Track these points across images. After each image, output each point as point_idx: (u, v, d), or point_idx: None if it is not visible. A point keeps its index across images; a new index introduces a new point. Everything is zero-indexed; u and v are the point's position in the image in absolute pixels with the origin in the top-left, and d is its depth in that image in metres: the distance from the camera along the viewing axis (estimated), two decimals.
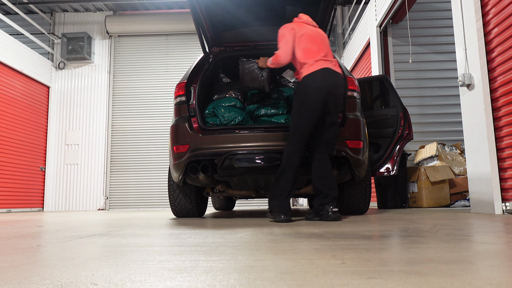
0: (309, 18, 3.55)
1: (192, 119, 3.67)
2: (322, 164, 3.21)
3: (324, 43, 3.40)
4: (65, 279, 1.06)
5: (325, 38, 3.47)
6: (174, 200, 4.03)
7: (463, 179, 5.89)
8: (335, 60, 3.39)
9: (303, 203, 9.71)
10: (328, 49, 3.41)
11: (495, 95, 3.84)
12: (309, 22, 3.50)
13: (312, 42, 3.32)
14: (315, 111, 3.16)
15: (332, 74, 3.23)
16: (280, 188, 3.15)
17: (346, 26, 9.96)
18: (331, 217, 3.09)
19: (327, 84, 3.17)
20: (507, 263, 1.19)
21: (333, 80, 3.21)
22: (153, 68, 10.19)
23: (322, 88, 3.15)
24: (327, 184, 3.19)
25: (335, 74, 3.26)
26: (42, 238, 2.22)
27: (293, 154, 3.17)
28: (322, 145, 3.24)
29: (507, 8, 3.65)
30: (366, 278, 1.00)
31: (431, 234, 1.97)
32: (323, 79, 3.18)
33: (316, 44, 3.34)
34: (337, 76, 3.26)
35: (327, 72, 3.21)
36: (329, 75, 3.21)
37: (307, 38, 3.32)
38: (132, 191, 9.79)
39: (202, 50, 4.10)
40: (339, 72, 3.30)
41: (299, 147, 3.18)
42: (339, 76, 3.29)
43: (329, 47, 3.44)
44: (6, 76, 8.37)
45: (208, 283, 0.99)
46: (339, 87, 3.25)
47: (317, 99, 3.15)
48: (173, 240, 1.99)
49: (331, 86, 3.18)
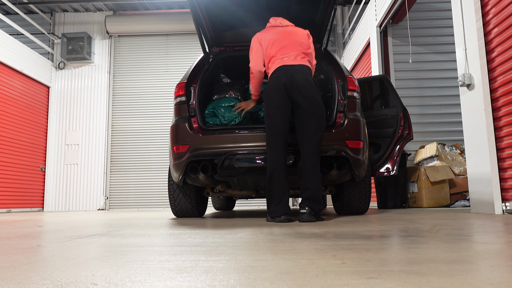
0: (279, 20, 3.56)
1: (192, 119, 3.67)
2: (303, 162, 3.16)
3: (286, 41, 3.38)
4: (65, 279, 1.06)
5: (291, 34, 3.43)
6: (174, 200, 4.03)
7: (463, 179, 5.89)
8: (299, 53, 3.33)
9: None
10: (293, 46, 3.36)
11: (495, 95, 3.84)
12: (277, 24, 3.53)
13: (272, 46, 3.38)
14: (281, 110, 3.19)
15: (287, 70, 3.23)
16: (273, 192, 3.15)
17: (346, 26, 9.96)
18: (300, 219, 3.04)
19: (283, 79, 3.20)
20: (507, 263, 1.19)
21: (288, 74, 3.21)
22: (153, 68, 10.19)
23: (279, 86, 3.20)
24: (304, 183, 3.12)
25: (292, 67, 3.24)
26: (42, 238, 2.22)
27: (273, 157, 3.16)
28: (302, 142, 3.18)
29: (507, 8, 3.65)
30: (366, 278, 1.00)
31: (431, 234, 1.97)
32: (278, 78, 3.22)
33: (275, 46, 3.38)
34: (293, 68, 3.24)
35: (282, 69, 3.25)
36: (284, 71, 3.23)
37: (267, 43, 3.41)
38: (132, 191, 9.79)
39: (202, 50, 4.10)
40: (298, 64, 3.27)
41: (277, 150, 3.17)
42: (296, 67, 3.25)
43: (295, 42, 3.38)
44: (6, 76, 8.36)
45: (208, 283, 0.99)
46: (298, 77, 3.19)
47: (278, 97, 3.19)
48: (173, 240, 1.99)
49: (287, 80, 3.19)
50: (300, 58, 3.34)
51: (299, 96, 3.18)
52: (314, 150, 3.14)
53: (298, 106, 3.19)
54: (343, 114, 3.61)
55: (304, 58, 3.35)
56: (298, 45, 3.39)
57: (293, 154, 3.42)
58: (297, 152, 3.37)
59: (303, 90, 3.18)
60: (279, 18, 3.60)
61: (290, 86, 3.19)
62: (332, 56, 4.13)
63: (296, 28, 3.54)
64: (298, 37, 3.44)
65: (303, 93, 3.17)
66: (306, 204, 3.07)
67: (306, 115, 3.16)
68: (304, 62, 3.32)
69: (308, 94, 3.18)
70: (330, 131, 3.52)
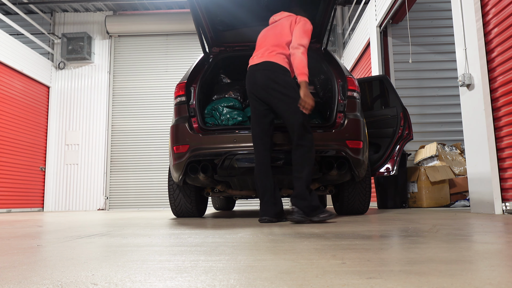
0: (275, 16, 3.44)
1: (192, 119, 3.67)
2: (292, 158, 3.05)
3: (263, 38, 3.30)
4: (65, 279, 1.06)
5: (273, 28, 3.30)
6: (174, 200, 4.03)
7: (463, 179, 5.89)
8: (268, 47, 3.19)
9: None
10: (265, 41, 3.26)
11: (495, 95, 3.84)
12: (271, 21, 3.46)
13: (257, 44, 3.36)
14: (255, 113, 3.17)
15: (250, 72, 3.17)
16: (260, 193, 3.14)
17: (346, 26, 9.96)
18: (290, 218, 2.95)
19: (249, 84, 3.18)
20: (507, 263, 1.19)
21: (251, 77, 3.15)
22: (153, 68, 10.19)
23: (248, 91, 3.19)
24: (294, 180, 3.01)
25: (255, 67, 3.14)
26: (42, 238, 2.22)
27: (256, 158, 3.15)
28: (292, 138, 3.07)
29: (507, 8, 3.65)
30: (366, 278, 1.00)
31: (431, 234, 1.97)
32: (247, 80, 3.21)
33: (257, 44, 3.34)
34: (256, 68, 3.13)
35: (248, 71, 3.21)
36: (249, 74, 3.19)
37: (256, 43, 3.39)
38: (132, 191, 9.79)
39: (202, 50, 4.10)
40: (261, 62, 3.12)
41: (258, 152, 3.15)
42: (259, 65, 3.13)
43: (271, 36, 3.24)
44: (6, 76, 8.37)
45: (208, 283, 0.99)
46: (261, 78, 3.08)
47: (251, 100, 3.19)
48: (173, 240, 1.99)
49: (251, 84, 3.15)
50: (268, 53, 3.16)
51: (269, 97, 3.07)
52: (296, 141, 2.98)
53: (272, 106, 3.09)
54: (343, 114, 3.61)
55: (272, 52, 3.15)
56: (273, 38, 3.22)
57: (283, 154, 3.42)
58: (287, 152, 3.37)
59: (269, 90, 3.06)
60: (277, 14, 3.47)
61: (255, 89, 3.14)
62: (332, 56, 4.13)
63: (285, 18, 3.32)
64: (277, 29, 3.26)
65: (270, 92, 3.06)
66: (292, 202, 2.98)
67: (284, 111, 3.03)
68: (269, 58, 3.12)
69: (276, 91, 3.04)
70: (330, 131, 3.52)
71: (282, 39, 3.18)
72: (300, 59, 3.00)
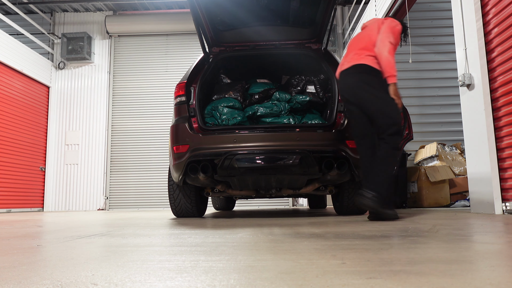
0: (368, 22, 3.47)
1: (192, 119, 3.67)
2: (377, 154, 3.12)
3: (355, 43, 3.36)
4: (65, 279, 1.05)
5: (361, 34, 3.38)
6: (174, 200, 4.03)
7: (463, 179, 5.89)
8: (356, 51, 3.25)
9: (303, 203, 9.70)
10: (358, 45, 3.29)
11: (495, 95, 3.84)
12: (362, 26, 3.54)
13: (346, 51, 3.44)
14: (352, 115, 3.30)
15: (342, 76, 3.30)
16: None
17: (346, 26, 9.95)
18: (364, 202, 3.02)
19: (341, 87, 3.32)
20: (507, 263, 1.19)
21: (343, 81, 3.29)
22: (153, 68, 10.19)
23: (342, 94, 3.35)
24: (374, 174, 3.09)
25: (346, 71, 3.25)
26: (42, 238, 2.22)
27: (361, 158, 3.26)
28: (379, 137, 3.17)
29: (507, 8, 3.65)
30: (366, 278, 0.99)
31: (431, 234, 1.97)
32: (339, 85, 3.36)
33: (347, 50, 3.43)
34: (346, 73, 3.25)
35: (340, 76, 3.34)
36: (340, 79, 3.33)
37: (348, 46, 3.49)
38: (132, 191, 9.78)
39: (202, 50, 4.10)
40: (352, 65, 3.20)
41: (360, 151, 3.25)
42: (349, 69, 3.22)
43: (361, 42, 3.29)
44: (6, 76, 8.36)
45: (208, 283, 0.99)
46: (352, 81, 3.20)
47: (345, 103, 3.38)
48: (173, 240, 1.99)
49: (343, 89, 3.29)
50: (357, 56, 3.23)
51: (357, 98, 3.18)
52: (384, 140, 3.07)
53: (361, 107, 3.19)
54: (343, 114, 3.61)
55: (360, 55, 3.21)
56: (361, 41, 3.29)
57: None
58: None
59: (358, 91, 3.17)
60: (369, 21, 3.53)
61: (347, 92, 3.26)
62: (332, 56, 4.14)
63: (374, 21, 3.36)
64: (365, 33, 3.34)
65: (359, 93, 3.16)
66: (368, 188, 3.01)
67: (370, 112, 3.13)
68: (358, 61, 3.19)
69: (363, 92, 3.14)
70: (330, 131, 3.52)
71: (370, 41, 3.22)
72: (387, 61, 3.05)
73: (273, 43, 4.33)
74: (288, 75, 4.63)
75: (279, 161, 3.45)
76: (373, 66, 3.13)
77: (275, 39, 4.35)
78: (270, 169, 3.51)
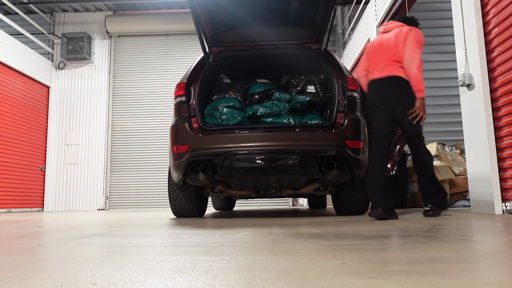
0: (386, 25, 3.64)
1: (192, 119, 3.67)
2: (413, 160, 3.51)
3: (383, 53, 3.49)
4: (65, 279, 1.05)
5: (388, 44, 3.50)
6: (174, 200, 4.03)
7: (463, 179, 5.89)
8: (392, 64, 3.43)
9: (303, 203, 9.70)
10: (388, 56, 3.46)
11: (495, 95, 3.84)
12: (385, 30, 3.64)
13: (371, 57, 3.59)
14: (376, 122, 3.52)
15: (375, 85, 3.48)
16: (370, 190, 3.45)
17: (346, 26, 9.95)
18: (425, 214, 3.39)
19: (373, 94, 3.48)
20: (507, 263, 1.19)
21: (376, 89, 3.48)
22: (153, 68, 10.19)
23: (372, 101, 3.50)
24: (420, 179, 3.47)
25: (379, 81, 3.45)
26: (42, 238, 2.22)
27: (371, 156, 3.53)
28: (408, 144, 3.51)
29: (507, 8, 3.65)
30: (366, 278, 0.99)
31: (431, 234, 1.97)
32: (371, 92, 3.52)
33: (373, 57, 3.57)
34: (380, 82, 3.46)
35: (372, 84, 3.51)
36: (373, 87, 3.50)
37: (370, 53, 3.63)
38: (132, 191, 9.78)
39: (202, 50, 4.10)
40: (387, 76, 3.41)
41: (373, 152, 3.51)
42: (383, 79, 3.42)
43: (391, 53, 3.46)
44: (6, 76, 8.36)
45: (208, 283, 0.99)
46: (386, 90, 3.42)
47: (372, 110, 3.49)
48: (173, 240, 1.99)
49: (375, 96, 3.46)
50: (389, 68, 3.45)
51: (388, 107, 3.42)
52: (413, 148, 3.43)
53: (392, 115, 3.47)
54: (343, 114, 3.61)
55: (392, 66, 3.43)
56: (390, 53, 3.47)
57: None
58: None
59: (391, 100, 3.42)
60: (389, 24, 3.66)
61: (380, 100, 3.46)
62: (332, 56, 4.13)
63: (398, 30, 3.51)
64: (391, 43, 3.50)
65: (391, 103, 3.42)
66: (428, 202, 3.37)
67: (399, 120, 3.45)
68: (391, 72, 3.42)
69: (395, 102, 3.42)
70: (330, 131, 3.52)
71: (398, 53, 3.44)
72: (415, 76, 3.34)
73: (273, 43, 4.33)
74: (288, 75, 4.62)
75: (279, 161, 3.45)
76: (405, 78, 3.41)
77: (275, 39, 4.35)
78: (270, 169, 3.51)
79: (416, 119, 3.33)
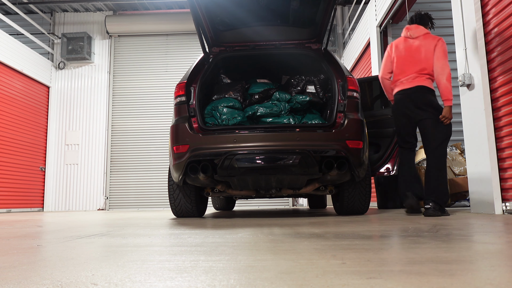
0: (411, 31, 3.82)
1: (192, 119, 3.67)
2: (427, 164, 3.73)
3: (413, 61, 3.71)
4: (65, 279, 1.06)
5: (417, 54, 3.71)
6: (174, 200, 4.03)
7: (463, 179, 5.89)
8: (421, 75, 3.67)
9: (303, 203, 9.70)
10: (417, 67, 3.68)
11: (495, 95, 3.84)
12: (408, 36, 3.83)
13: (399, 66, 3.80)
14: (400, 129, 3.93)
15: (405, 94, 3.73)
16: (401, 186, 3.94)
17: (346, 26, 9.95)
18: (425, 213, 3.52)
19: (403, 103, 3.75)
20: (507, 263, 1.19)
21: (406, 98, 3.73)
22: (153, 68, 10.19)
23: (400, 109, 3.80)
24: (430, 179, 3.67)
25: (409, 90, 3.69)
26: (42, 238, 2.22)
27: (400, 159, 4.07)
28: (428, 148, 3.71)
29: (507, 8, 3.65)
30: (366, 278, 0.99)
31: (431, 234, 1.97)
32: (400, 102, 3.77)
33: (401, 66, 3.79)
34: (410, 92, 3.70)
35: (402, 94, 3.75)
36: (403, 96, 3.75)
37: (397, 59, 3.84)
38: (132, 191, 9.79)
39: (202, 50, 4.10)
40: (416, 86, 3.66)
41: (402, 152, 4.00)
42: (413, 89, 3.68)
43: (420, 64, 3.68)
44: (6, 76, 8.37)
45: (208, 283, 0.99)
46: (416, 100, 3.68)
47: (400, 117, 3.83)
48: (173, 240, 1.99)
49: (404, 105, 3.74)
50: (418, 78, 3.69)
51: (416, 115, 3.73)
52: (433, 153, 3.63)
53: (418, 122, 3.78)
54: (343, 114, 3.61)
55: (421, 77, 3.67)
56: (419, 63, 3.69)
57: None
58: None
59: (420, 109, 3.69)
60: (413, 29, 3.81)
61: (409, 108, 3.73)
62: (332, 56, 4.13)
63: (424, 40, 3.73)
64: (420, 54, 3.70)
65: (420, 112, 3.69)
66: (430, 200, 3.49)
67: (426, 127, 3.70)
68: (420, 83, 3.66)
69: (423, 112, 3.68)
70: (330, 131, 3.52)
71: (428, 63, 3.69)
72: (445, 87, 3.61)
73: (273, 43, 4.33)
74: (288, 75, 4.62)
75: (279, 161, 3.45)
76: (432, 88, 3.73)
77: (275, 39, 4.35)
78: (270, 169, 3.51)
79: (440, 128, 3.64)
